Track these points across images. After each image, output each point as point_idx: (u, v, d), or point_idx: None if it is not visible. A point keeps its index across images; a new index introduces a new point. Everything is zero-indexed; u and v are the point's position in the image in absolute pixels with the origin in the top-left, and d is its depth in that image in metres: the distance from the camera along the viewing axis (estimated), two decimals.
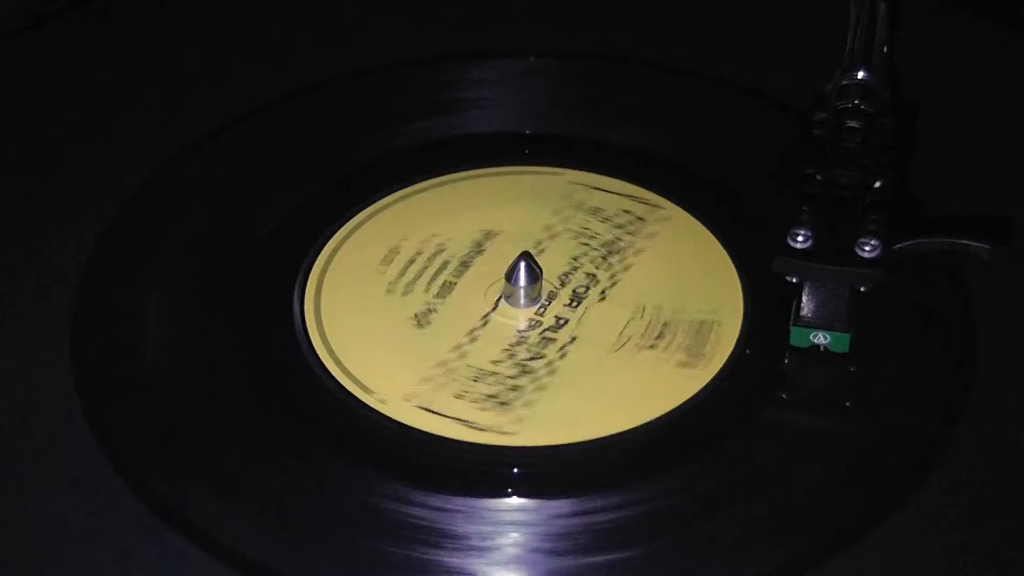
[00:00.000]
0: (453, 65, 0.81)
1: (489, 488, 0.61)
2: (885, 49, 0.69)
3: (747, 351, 0.66)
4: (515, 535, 0.59)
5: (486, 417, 0.63)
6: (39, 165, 0.75)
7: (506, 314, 0.68)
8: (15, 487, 0.61)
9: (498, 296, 0.68)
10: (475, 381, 0.65)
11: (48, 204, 0.73)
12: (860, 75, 0.68)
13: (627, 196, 0.73)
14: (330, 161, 0.75)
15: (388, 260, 0.70)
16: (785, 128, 0.71)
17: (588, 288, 0.69)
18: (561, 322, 0.67)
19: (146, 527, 0.59)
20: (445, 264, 0.70)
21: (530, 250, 0.69)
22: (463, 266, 0.70)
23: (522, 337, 0.67)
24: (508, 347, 0.66)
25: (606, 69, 0.81)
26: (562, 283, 0.69)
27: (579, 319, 0.67)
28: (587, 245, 0.71)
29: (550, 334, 0.67)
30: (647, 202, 0.73)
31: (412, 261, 0.70)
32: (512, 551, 0.59)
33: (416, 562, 0.58)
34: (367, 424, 0.63)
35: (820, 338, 0.65)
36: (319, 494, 0.60)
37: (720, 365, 0.65)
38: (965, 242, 0.64)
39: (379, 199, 0.73)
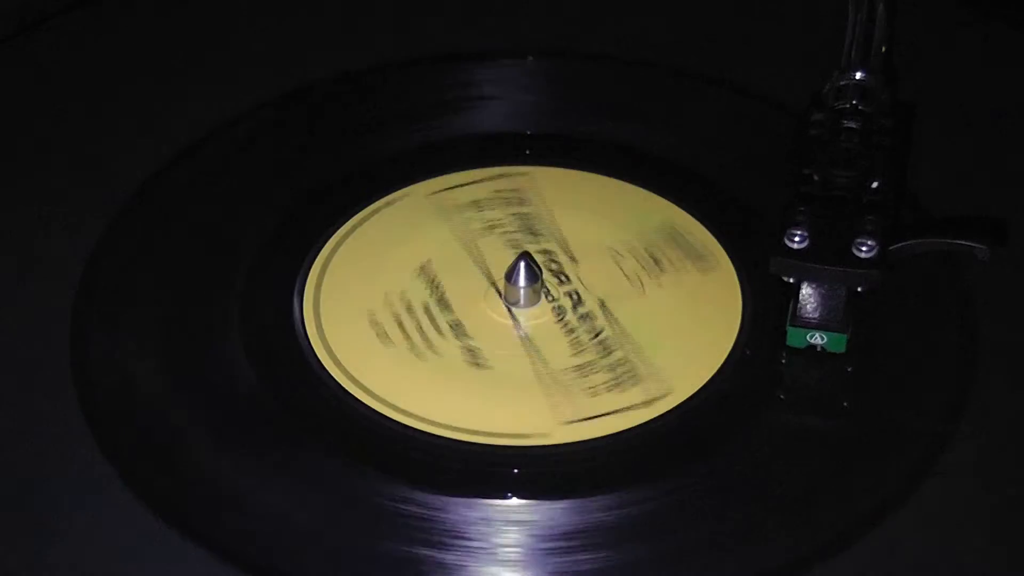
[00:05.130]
0: (453, 65, 0.81)
1: (490, 488, 0.61)
2: (883, 49, 0.69)
3: (747, 351, 0.66)
4: (515, 535, 0.59)
5: (635, 394, 0.64)
6: (39, 165, 0.75)
7: (534, 315, 0.68)
8: (15, 487, 0.61)
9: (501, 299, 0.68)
10: (586, 376, 0.65)
11: (48, 204, 0.73)
12: (858, 75, 0.68)
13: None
14: (330, 161, 0.75)
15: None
16: (784, 128, 0.71)
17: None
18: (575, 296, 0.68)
19: (146, 527, 0.59)
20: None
21: (529, 250, 0.70)
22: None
23: (566, 326, 0.67)
24: (568, 339, 0.66)
25: (606, 69, 0.81)
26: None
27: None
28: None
29: (581, 309, 0.67)
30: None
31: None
32: (512, 551, 0.59)
33: (416, 562, 0.58)
34: (367, 424, 0.63)
35: (817, 338, 0.65)
36: (319, 494, 0.61)
37: (719, 365, 0.65)
38: (963, 242, 0.64)
39: (379, 199, 0.73)
